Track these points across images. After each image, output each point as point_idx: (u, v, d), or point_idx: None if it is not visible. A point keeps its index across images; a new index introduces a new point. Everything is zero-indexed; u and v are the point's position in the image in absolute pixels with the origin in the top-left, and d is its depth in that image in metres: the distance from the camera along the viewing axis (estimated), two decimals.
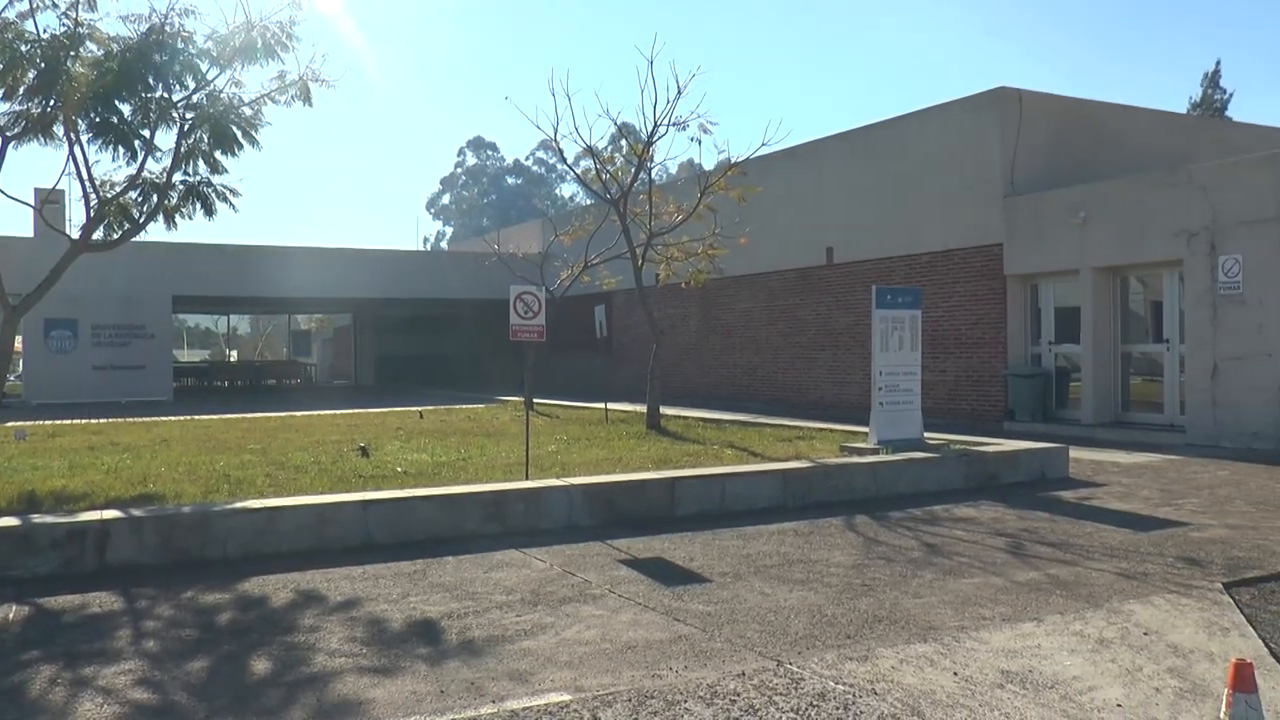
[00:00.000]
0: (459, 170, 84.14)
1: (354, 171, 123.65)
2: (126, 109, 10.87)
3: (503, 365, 33.95)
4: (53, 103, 10.53)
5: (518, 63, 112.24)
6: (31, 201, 13.84)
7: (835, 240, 22.30)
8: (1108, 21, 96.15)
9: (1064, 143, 18.85)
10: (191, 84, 11.00)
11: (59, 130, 10.89)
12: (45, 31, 10.41)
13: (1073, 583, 6.82)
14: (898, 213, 20.66)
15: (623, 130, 18.00)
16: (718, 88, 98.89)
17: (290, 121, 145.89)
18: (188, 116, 11.13)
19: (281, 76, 11.27)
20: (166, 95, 10.97)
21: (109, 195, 11.55)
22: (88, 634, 5.79)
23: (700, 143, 23.32)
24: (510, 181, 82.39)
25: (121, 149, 10.93)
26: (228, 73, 11.13)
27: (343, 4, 79.27)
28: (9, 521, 7.32)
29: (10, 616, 6.18)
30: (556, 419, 18.64)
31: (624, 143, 18.33)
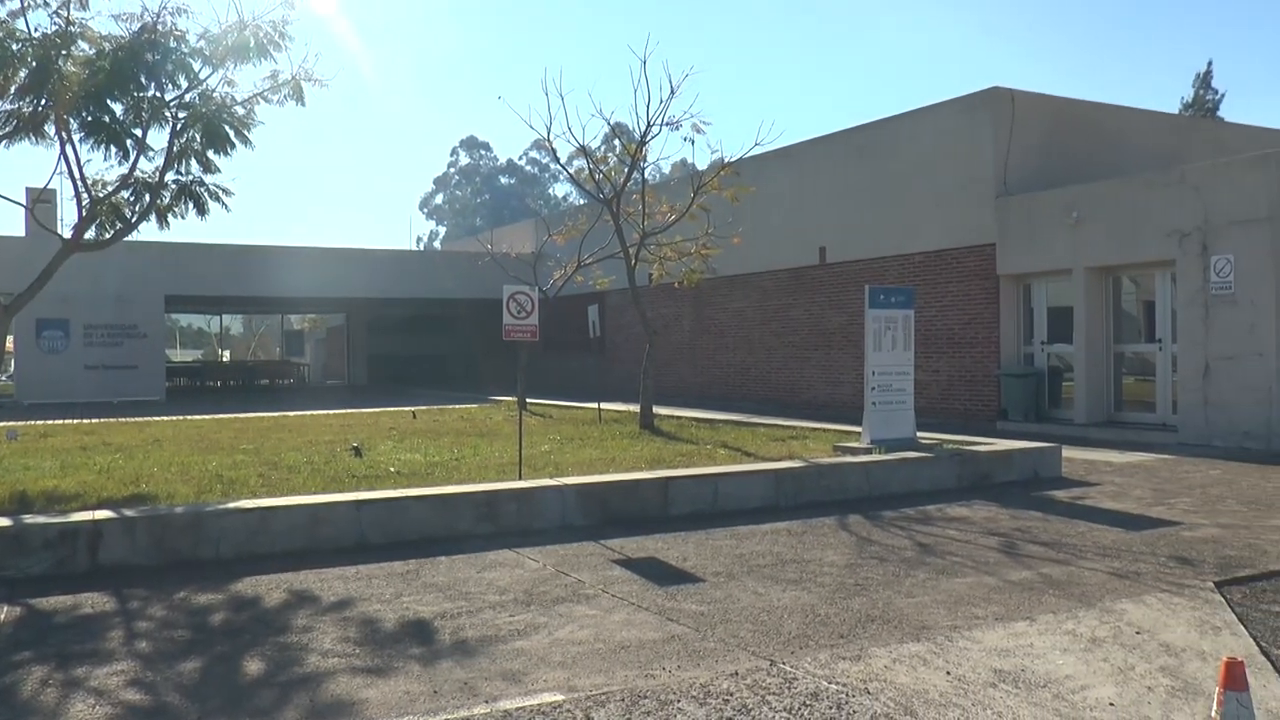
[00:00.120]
0: (452, 170, 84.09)
1: (347, 171, 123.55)
2: (119, 108, 10.84)
3: (496, 365, 33.94)
4: (44, 102, 10.49)
5: (511, 62, 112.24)
6: (23, 201, 13.78)
7: (828, 240, 22.32)
8: (1103, 21, 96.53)
9: (1057, 143, 18.89)
10: (184, 83, 10.99)
11: (50, 129, 10.86)
12: (37, 30, 10.38)
13: (1065, 582, 6.83)
14: (891, 213, 20.68)
15: (616, 130, 18.01)
16: (714, 87, 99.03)
17: (283, 121, 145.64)
18: (180, 116, 11.10)
19: (274, 76, 11.26)
20: (159, 94, 10.94)
21: (101, 195, 11.52)
22: (80, 634, 5.77)
23: (693, 143, 23.32)
24: (503, 181, 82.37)
25: (113, 148, 10.89)
26: (220, 72, 11.13)
27: (336, 4, 79.25)
28: (1, 522, 7.30)
29: (2, 617, 6.17)
30: (550, 419, 18.64)
31: (617, 142, 18.34)
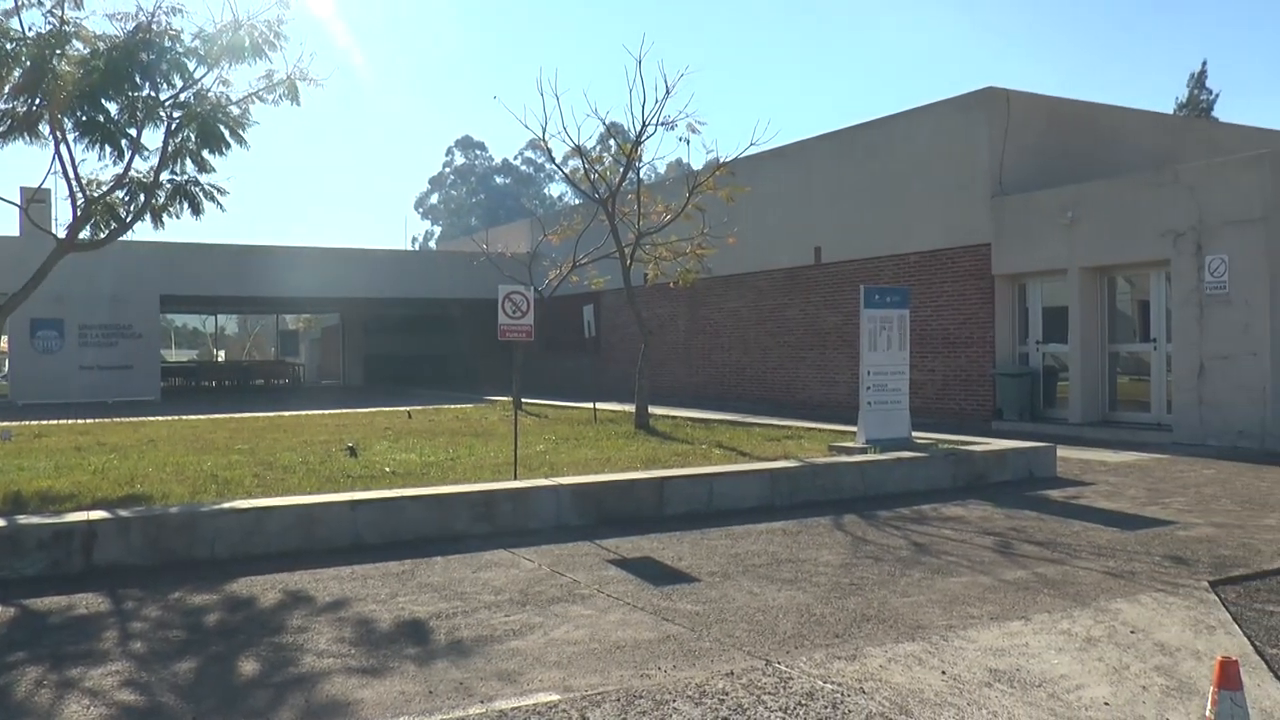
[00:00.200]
0: (447, 170, 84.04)
1: (342, 171, 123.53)
2: (113, 108, 10.83)
3: (491, 365, 33.92)
4: (39, 101, 10.48)
5: (506, 62, 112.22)
6: (17, 200, 13.76)
7: (823, 240, 22.33)
8: (1099, 21, 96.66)
9: (1052, 143, 18.91)
10: (179, 83, 10.98)
11: (45, 129, 10.84)
12: (31, 29, 10.37)
13: (1060, 581, 6.84)
14: (886, 213, 20.70)
15: (611, 130, 18.00)
16: (711, 87, 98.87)
17: (279, 121, 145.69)
18: (175, 115, 11.09)
19: (269, 75, 11.26)
20: (154, 94, 10.93)
21: (96, 194, 11.50)
22: (74, 635, 5.76)
23: (689, 142, 23.38)
24: (499, 181, 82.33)
25: (108, 148, 10.88)
26: (215, 71, 11.13)
27: (332, 3, 79.16)
28: None
29: None
30: (545, 419, 18.63)
31: (612, 142, 18.34)
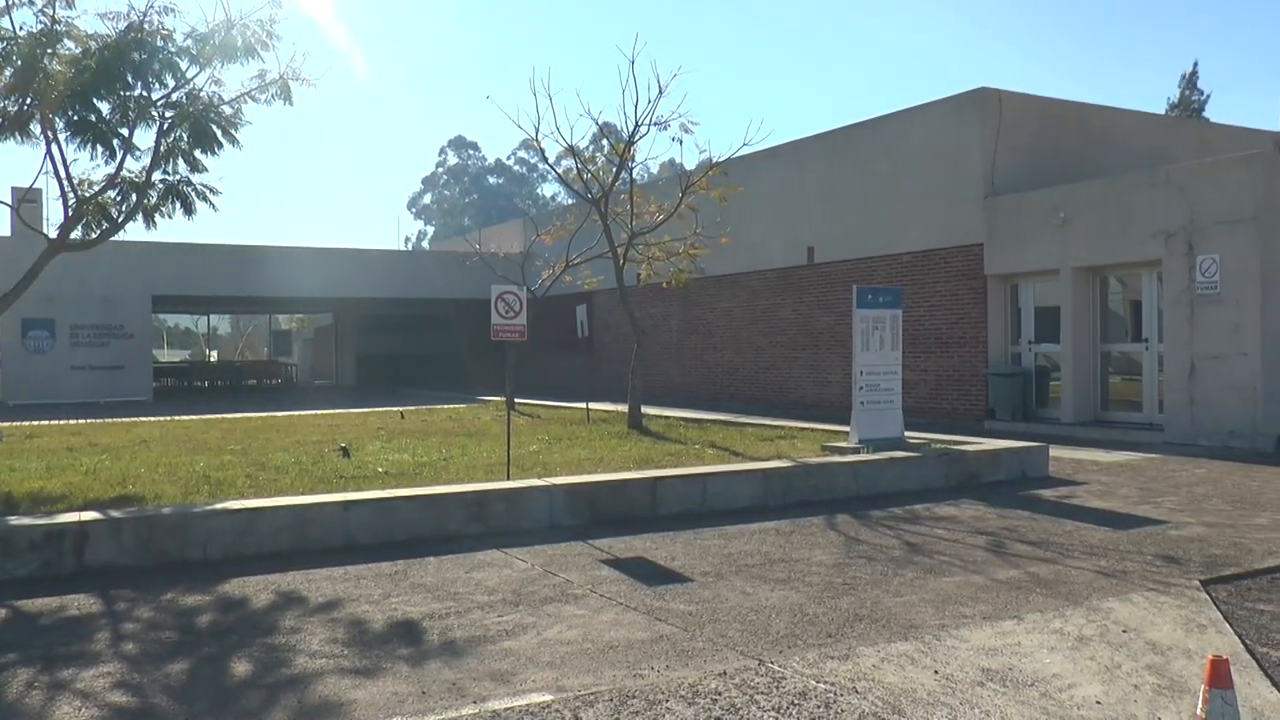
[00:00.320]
0: (440, 170, 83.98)
1: (335, 171, 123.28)
2: (105, 107, 10.79)
3: (484, 365, 33.88)
4: (30, 101, 10.44)
5: (499, 62, 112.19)
6: (8, 200, 13.74)
7: (816, 240, 22.35)
8: (1092, 22, 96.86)
9: (1044, 143, 18.95)
10: (171, 82, 10.93)
11: (36, 128, 10.80)
12: (22, 29, 10.33)
13: (1053, 581, 6.86)
14: (878, 213, 20.72)
15: (604, 130, 18.01)
16: (705, 87, 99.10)
17: (271, 120, 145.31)
18: (167, 115, 11.06)
19: (262, 75, 11.23)
20: (145, 94, 10.89)
21: (87, 194, 11.46)
22: (66, 636, 5.74)
23: (681, 142, 23.42)
24: (492, 181, 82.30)
25: (100, 147, 10.84)
26: (207, 71, 11.08)
27: (325, 3, 78.99)
28: None
29: None
30: (538, 419, 18.62)
31: (605, 142, 18.33)
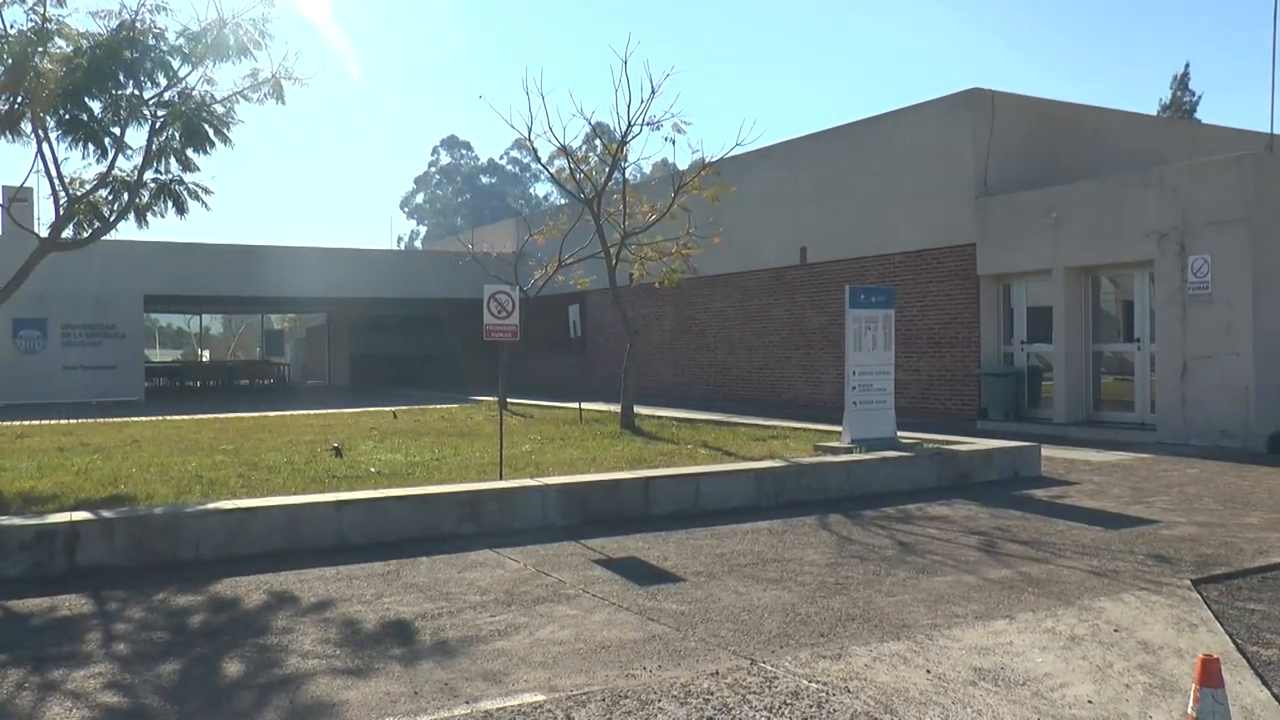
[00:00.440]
0: (433, 169, 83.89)
1: (328, 170, 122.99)
2: (97, 106, 10.77)
3: (477, 365, 33.85)
4: (21, 99, 10.41)
5: (492, 62, 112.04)
6: None
7: (809, 240, 22.37)
8: (1084, 23, 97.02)
9: (1037, 144, 18.99)
10: (163, 81, 10.93)
11: (27, 127, 10.77)
12: (12, 27, 10.32)
13: (1045, 580, 6.87)
14: (871, 213, 20.75)
15: (597, 130, 17.99)
16: (699, 88, 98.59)
17: (264, 120, 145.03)
18: (159, 114, 11.03)
19: (254, 74, 11.22)
20: (137, 92, 10.87)
21: (79, 193, 11.44)
22: (57, 637, 5.72)
23: (674, 142, 23.41)
24: (484, 181, 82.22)
25: (91, 146, 10.82)
26: (200, 70, 11.08)
27: (321, 2, 78.82)
28: None
29: None
30: (531, 419, 18.61)
31: (598, 142, 18.33)
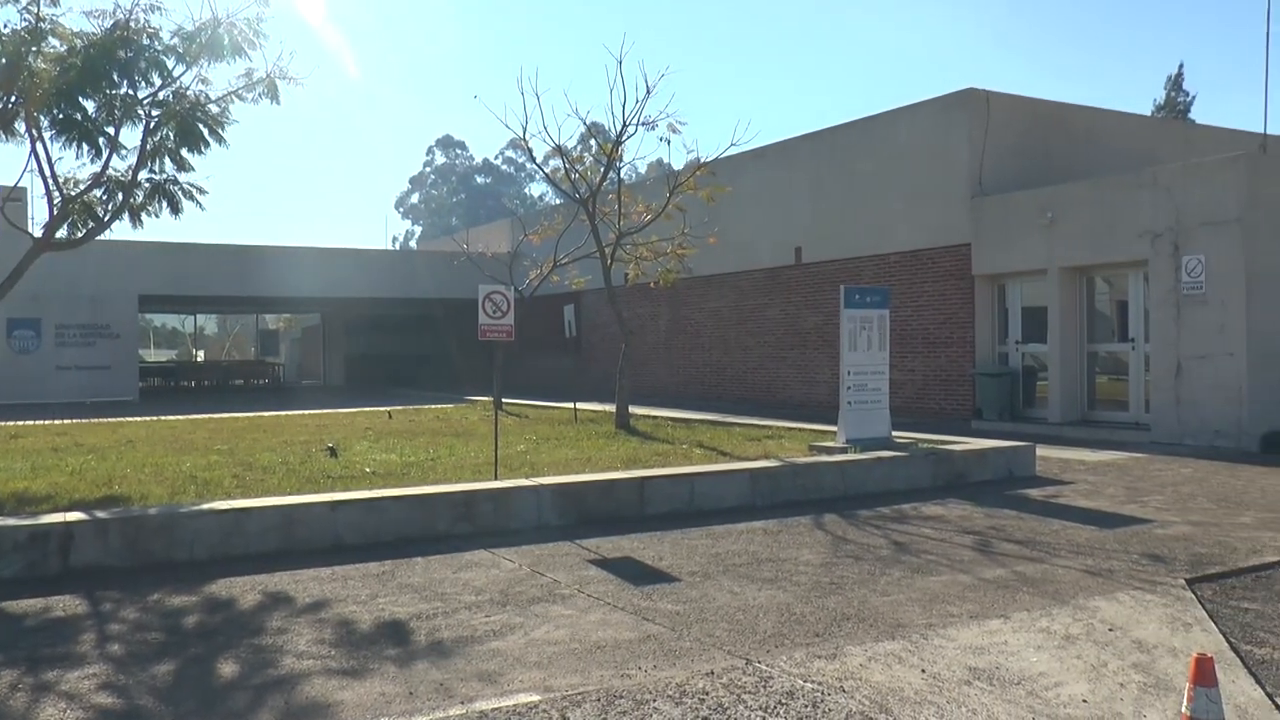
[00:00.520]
0: (428, 169, 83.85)
1: (324, 170, 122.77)
2: (91, 106, 10.74)
3: (472, 365, 33.82)
4: (14, 99, 10.39)
5: (487, 62, 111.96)
6: None
7: (804, 240, 22.39)
8: (1079, 23, 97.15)
9: (1031, 144, 19.03)
10: (157, 81, 10.89)
11: (21, 127, 10.75)
12: (6, 26, 10.28)
13: (1039, 580, 6.89)
14: (866, 213, 20.77)
15: (592, 130, 17.99)
16: (694, 88, 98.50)
17: (259, 120, 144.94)
18: (154, 114, 11.01)
19: (249, 74, 11.20)
20: (132, 92, 10.84)
21: (73, 193, 11.41)
22: (51, 638, 5.71)
23: (669, 142, 23.43)
24: (479, 181, 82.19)
25: (86, 146, 10.79)
26: (194, 70, 11.05)
27: (318, 2, 78.65)
28: None
29: None
30: (526, 419, 18.61)
31: (593, 142, 18.31)
